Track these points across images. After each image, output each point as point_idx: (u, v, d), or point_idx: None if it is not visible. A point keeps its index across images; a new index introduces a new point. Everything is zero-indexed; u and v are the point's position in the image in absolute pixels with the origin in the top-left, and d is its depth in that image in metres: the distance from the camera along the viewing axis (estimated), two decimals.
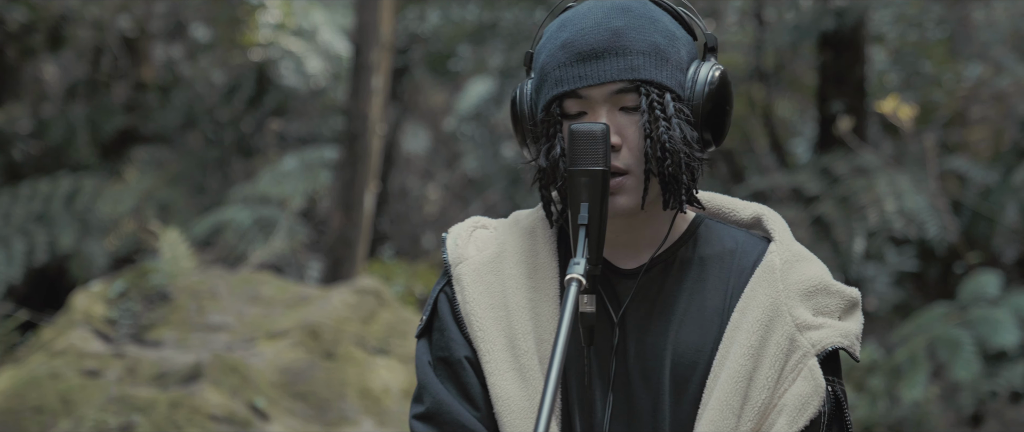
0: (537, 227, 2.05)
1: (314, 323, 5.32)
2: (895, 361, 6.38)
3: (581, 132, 1.89)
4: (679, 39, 2.00)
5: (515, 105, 2.03)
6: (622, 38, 1.95)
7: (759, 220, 2.08)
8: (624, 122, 1.96)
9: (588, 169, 1.89)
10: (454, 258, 2.05)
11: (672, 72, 1.96)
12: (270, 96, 9.92)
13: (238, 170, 9.69)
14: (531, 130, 2.01)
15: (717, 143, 2.01)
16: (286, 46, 9.64)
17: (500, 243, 2.05)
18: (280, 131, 9.95)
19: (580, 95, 1.96)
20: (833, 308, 1.99)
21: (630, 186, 1.95)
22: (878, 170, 6.94)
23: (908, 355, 6.29)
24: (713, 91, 1.98)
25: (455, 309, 2.03)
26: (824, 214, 6.89)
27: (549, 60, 1.98)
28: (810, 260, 2.02)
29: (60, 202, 9.16)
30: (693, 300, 2.01)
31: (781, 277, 1.98)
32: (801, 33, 7.67)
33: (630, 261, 2.03)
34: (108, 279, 5.63)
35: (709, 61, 2.01)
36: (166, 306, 5.44)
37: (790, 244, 2.02)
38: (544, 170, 1.98)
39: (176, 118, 10.09)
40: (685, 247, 2.03)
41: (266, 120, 9.62)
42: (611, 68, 1.94)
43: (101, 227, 9.14)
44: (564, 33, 1.98)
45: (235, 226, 8.55)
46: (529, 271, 2.02)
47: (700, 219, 2.07)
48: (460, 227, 2.10)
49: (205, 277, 5.65)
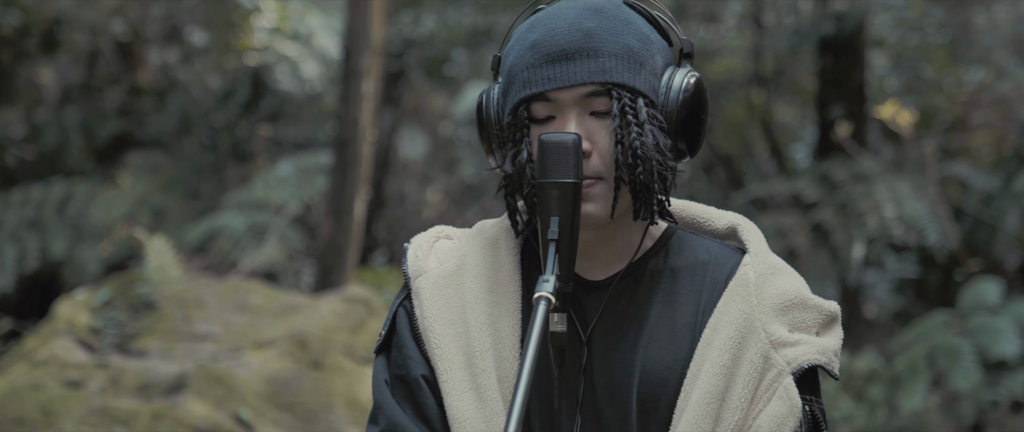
0: (501, 238, 1.96)
1: (302, 332, 5.23)
2: (894, 370, 6.29)
3: (551, 142, 1.80)
4: (654, 44, 1.91)
5: (481, 110, 1.94)
6: (594, 39, 1.86)
7: (734, 230, 1.99)
8: (594, 127, 1.87)
9: (559, 181, 1.80)
10: (414, 271, 1.96)
11: (646, 77, 1.87)
12: (266, 101, 9.85)
13: (233, 175, 9.61)
14: (497, 135, 1.92)
15: (692, 153, 1.92)
16: (282, 51, 9.56)
17: (461, 255, 1.96)
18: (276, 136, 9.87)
19: (549, 98, 1.87)
20: (810, 323, 1.90)
21: (599, 193, 1.86)
22: (878, 176, 6.85)
23: (908, 364, 6.20)
24: (688, 98, 1.89)
25: (414, 325, 1.94)
26: (823, 221, 6.80)
27: (517, 62, 1.89)
28: (786, 273, 1.93)
29: (52, 208, 9.09)
30: (664, 314, 1.92)
31: (755, 291, 1.89)
32: (800, 37, 7.59)
33: (599, 273, 1.94)
34: (93, 287, 5.55)
35: (685, 67, 1.92)
36: (152, 315, 5.36)
37: (765, 256, 1.93)
38: (510, 177, 1.89)
39: (171, 123, 10.02)
40: (656, 258, 1.94)
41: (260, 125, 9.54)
42: (581, 70, 1.85)
43: (94, 233, 9.07)
44: (533, 34, 1.89)
45: (229, 232, 8.47)
46: (490, 285, 1.93)
47: (672, 229, 1.98)
48: (422, 237, 2.01)
49: (192, 285, 5.57)
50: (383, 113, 9.49)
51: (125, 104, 10.32)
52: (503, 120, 1.90)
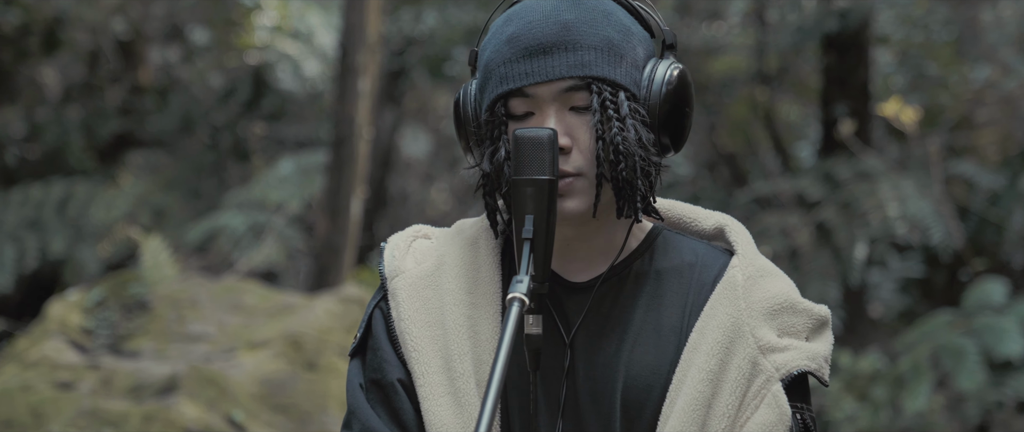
0: (481, 237, 1.90)
1: (296, 333, 5.17)
2: (898, 370, 6.22)
3: (526, 138, 1.74)
4: (635, 35, 1.84)
5: (458, 107, 1.88)
6: (572, 32, 1.79)
7: (722, 231, 1.92)
8: (574, 123, 1.80)
9: (534, 178, 1.73)
10: (390, 271, 1.90)
11: (627, 69, 1.81)
12: (267, 100, 9.80)
13: (234, 175, 9.56)
14: (475, 133, 1.85)
15: (676, 148, 1.85)
16: (283, 49, 9.51)
17: (440, 255, 1.89)
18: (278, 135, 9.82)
19: (527, 94, 1.81)
20: (800, 328, 1.83)
21: (580, 189, 1.80)
22: (881, 175, 6.78)
23: (912, 364, 6.13)
24: (671, 91, 1.82)
25: (390, 327, 1.88)
26: (826, 220, 6.73)
27: (494, 56, 1.83)
28: (775, 276, 1.86)
29: (52, 208, 9.04)
30: (648, 317, 1.85)
31: (743, 294, 1.82)
32: (804, 35, 7.52)
33: (581, 274, 1.88)
34: (85, 288, 5.49)
35: (667, 59, 1.85)
36: (145, 315, 5.30)
37: (754, 258, 1.86)
38: (488, 175, 1.83)
39: (172, 122, 9.97)
40: (641, 259, 1.88)
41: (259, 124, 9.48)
42: (560, 64, 1.78)
43: (94, 233, 9.02)
44: (510, 27, 1.83)
45: (229, 232, 8.42)
46: (469, 286, 1.86)
47: (658, 230, 1.91)
48: (399, 237, 1.95)
49: (186, 285, 5.51)
50: (384, 112, 9.43)
51: (126, 103, 10.28)
52: (480, 117, 1.84)
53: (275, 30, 9.58)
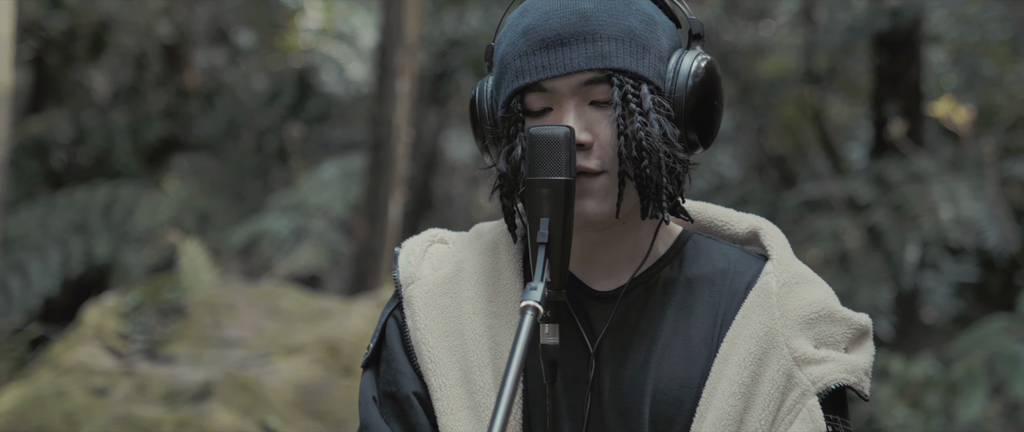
0: (501, 242, 1.79)
1: (333, 338, 5.09)
2: (952, 377, 6.07)
3: (541, 136, 1.63)
4: (659, 24, 1.73)
5: (474, 104, 1.77)
6: (591, 22, 1.69)
7: (756, 235, 1.81)
8: (595, 118, 1.70)
9: (549, 178, 1.62)
10: (405, 278, 1.80)
11: (650, 61, 1.70)
12: (311, 102, 9.75)
13: (278, 178, 9.51)
14: (491, 131, 1.74)
15: (705, 144, 1.74)
16: (327, 51, 9.45)
17: (458, 261, 1.79)
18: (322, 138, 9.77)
19: (544, 88, 1.70)
20: (838, 338, 1.71)
21: (601, 188, 1.69)
22: (934, 176, 6.62)
23: (966, 371, 5.98)
24: (698, 84, 1.71)
25: (405, 337, 1.78)
26: (877, 222, 6.58)
27: (509, 50, 1.72)
28: (812, 282, 1.74)
29: (98, 211, 9.02)
30: (678, 328, 1.74)
31: (778, 302, 1.71)
32: (854, 34, 7.37)
33: (606, 282, 1.76)
34: (122, 292, 5.44)
35: (694, 50, 1.74)
36: (181, 320, 5.24)
37: (789, 263, 1.75)
38: (504, 176, 1.72)
39: (217, 126, 9.95)
40: (670, 266, 1.77)
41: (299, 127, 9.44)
42: (578, 56, 1.68)
43: (139, 237, 8.99)
44: (526, 19, 1.72)
45: (272, 236, 8.37)
46: (489, 294, 1.76)
47: (688, 234, 1.80)
48: (414, 241, 1.84)
49: (223, 290, 5.44)
50: (428, 114, 9.35)
51: (171, 107, 10.27)
52: (497, 114, 1.73)
53: (319, 32, 9.53)
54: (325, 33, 9.45)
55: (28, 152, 9.86)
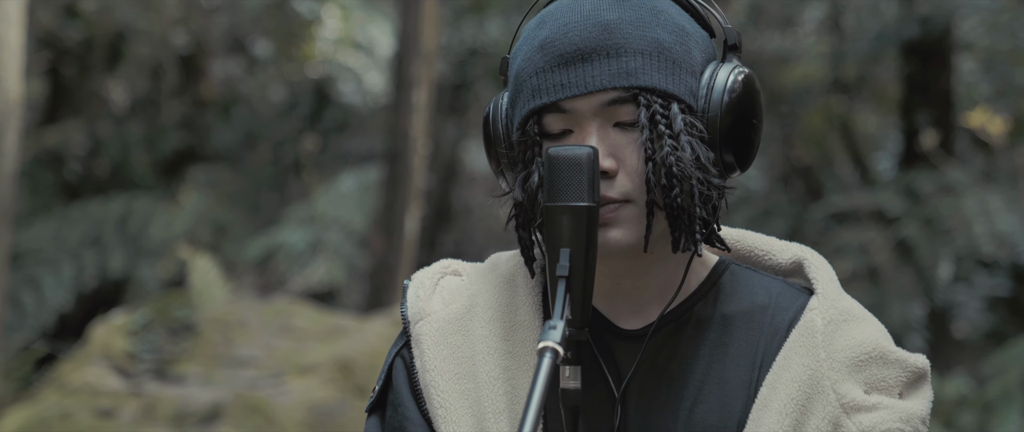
0: (518, 274, 1.64)
1: (347, 357, 4.95)
2: (987, 396, 5.90)
3: (560, 158, 1.47)
4: (690, 35, 1.56)
5: (488, 124, 1.61)
6: (615, 35, 1.53)
7: (799, 266, 1.64)
8: (620, 141, 1.53)
9: (570, 204, 1.46)
10: (414, 314, 1.64)
11: (681, 77, 1.54)
12: (329, 113, 9.63)
13: (295, 190, 9.39)
14: (506, 154, 1.58)
15: (742, 167, 1.58)
16: (344, 61, 9.32)
17: (471, 295, 1.63)
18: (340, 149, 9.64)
19: (563, 108, 1.54)
20: (892, 383, 1.55)
21: (628, 217, 1.53)
22: (967, 188, 6.45)
23: (1001, 389, 5.82)
24: (735, 101, 1.54)
25: (413, 379, 1.62)
26: (908, 236, 6.41)
27: (525, 65, 1.57)
28: (862, 319, 1.58)
29: (112, 224, 8.90)
30: (712, 370, 1.58)
31: (824, 342, 1.55)
32: (883, 42, 7.20)
33: (634, 319, 1.60)
34: (130, 309, 5.30)
35: (730, 63, 1.57)
36: (191, 338, 5.10)
37: (837, 298, 1.58)
38: (520, 204, 1.56)
39: (234, 137, 9.83)
40: (704, 302, 1.60)
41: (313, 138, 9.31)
42: (601, 73, 1.52)
43: (155, 251, 8.86)
44: (543, 31, 1.56)
45: (287, 249, 8.23)
46: (505, 331, 1.60)
47: (724, 265, 1.64)
48: (425, 273, 1.68)
49: (235, 307, 5.30)
50: (447, 124, 9.21)
51: (188, 117, 10.17)
52: (512, 136, 1.57)
53: (336, 42, 9.40)
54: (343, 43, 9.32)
55: (43, 164, 9.76)
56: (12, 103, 5.93)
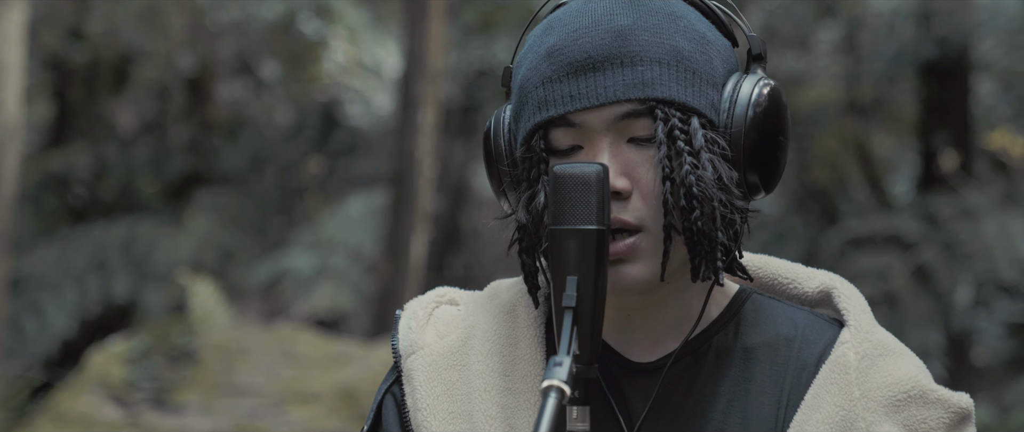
0: (520, 304, 1.50)
1: (351, 385, 4.82)
2: (1010, 424, 5.77)
3: (567, 176, 1.34)
4: (711, 44, 1.43)
5: (488, 139, 1.47)
6: (630, 41, 1.39)
7: (828, 295, 1.50)
8: (635, 159, 1.40)
9: (577, 228, 1.33)
10: (405, 347, 1.50)
11: (702, 88, 1.40)
12: (336, 136, 9.52)
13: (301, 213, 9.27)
14: (509, 172, 1.45)
15: (767, 187, 1.44)
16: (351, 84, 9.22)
17: (468, 326, 1.50)
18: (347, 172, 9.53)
19: (572, 122, 1.41)
20: (933, 425, 1.41)
21: (645, 249, 1.39)
22: (986, 212, 6.31)
23: None
24: (760, 115, 1.41)
25: (404, 417, 1.49)
26: (926, 262, 6.26)
27: (530, 75, 1.43)
28: (899, 354, 1.44)
29: (117, 249, 8.79)
30: (734, 407, 1.45)
31: (857, 379, 1.41)
32: (900, 62, 7.07)
33: (647, 351, 1.47)
34: (128, 336, 5.17)
35: (755, 74, 1.44)
36: (191, 366, 4.97)
37: (870, 331, 1.45)
38: (524, 227, 1.42)
39: (240, 159, 9.73)
40: (723, 332, 1.47)
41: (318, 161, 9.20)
42: (614, 83, 1.39)
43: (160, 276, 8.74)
44: (550, 37, 1.43)
45: (293, 274, 8.11)
46: (504, 366, 1.46)
47: (746, 293, 1.50)
48: (418, 303, 1.55)
49: (236, 333, 5.18)
50: (455, 146, 9.09)
51: (194, 140, 10.07)
52: (515, 152, 1.43)
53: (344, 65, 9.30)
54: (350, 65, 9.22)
55: (48, 187, 9.67)
56: (12, 126, 5.82)
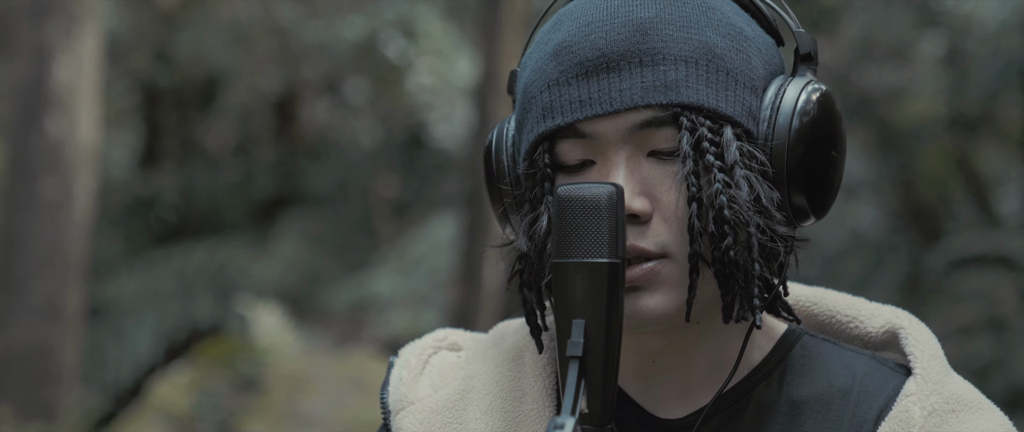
0: (527, 350, 1.29)
1: None
2: None
3: (572, 199, 1.12)
4: (750, 40, 1.20)
5: (490, 154, 1.26)
6: (651, 37, 1.17)
7: (894, 336, 1.27)
8: (656, 176, 1.18)
9: (584, 261, 1.11)
10: (395, 401, 1.30)
11: (737, 92, 1.18)
12: (421, 156, 9.40)
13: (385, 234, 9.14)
14: (511, 192, 1.23)
15: (817, 211, 1.21)
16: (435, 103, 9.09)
17: (467, 376, 1.29)
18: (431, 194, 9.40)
19: (582, 132, 1.19)
20: None
21: (667, 276, 1.17)
22: None
23: None
24: (808, 125, 1.18)
25: None
26: None
27: (535, 77, 1.22)
28: (977, 409, 1.20)
29: (202, 273, 8.72)
30: None
31: None
32: (1006, 75, 6.75)
33: (675, 405, 1.25)
34: (194, 362, 5.04)
35: (802, 77, 1.21)
36: (257, 394, 4.82)
37: (942, 381, 1.21)
38: (526, 258, 1.20)
39: (326, 181, 9.66)
40: (766, 383, 1.24)
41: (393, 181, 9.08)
42: (632, 85, 1.17)
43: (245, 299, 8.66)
44: (558, 33, 1.21)
45: (375, 297, 7.97)
46: (506, 424, 1.25)
47: (795, 335, 1.27)
48: (414, 348, 1.34)
49: (304, 361, 5.02)
50: None
51: (281, 162, 10.03)
52: (518, 168, 1.22)
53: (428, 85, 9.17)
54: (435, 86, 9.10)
55: (136, 210, 9.66)
56: (87, 152, 5.72)
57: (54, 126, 5.55)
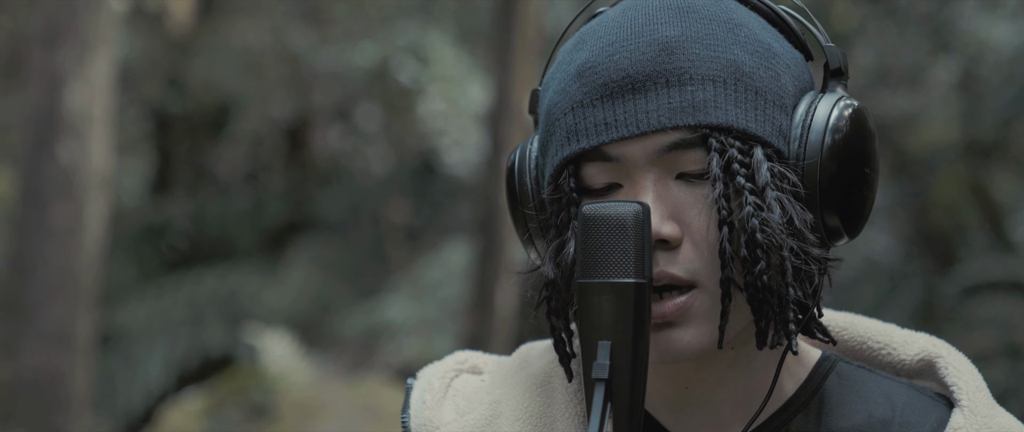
0: (555, 376, 1.26)
1: None
2: None
3: (597, 217, 1.09)
4: (779, 57, 1.17)
5: (512, 177, 1.22)
6: (677, 56, 1.14)
7: (930, 365, 1.23)
8: (685, 199, 1.15)
9: (610, 282, 1.08)
10: (418, 425, 1.26)
11: (767, 111, 1.15)
12: (433, 182, 9.36)
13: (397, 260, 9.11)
14: (536, 216, 1.20)
15: (850, 232, 1.18)
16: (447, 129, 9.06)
17: (494, 401, 1.25)
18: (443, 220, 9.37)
19: (608, 155, 1.15)
20: None
21: (699, 310, 1.14)
22: None
23: None
24: (840, 143, 1.15)
25: None
26: None
27: (558, 99, 1.18)
28: None
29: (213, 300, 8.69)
30: None
31: None
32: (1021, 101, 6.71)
33: None
34: (205, 389, 5.00)
35: (833, 93, 1.17)
36: (268, 421, 4.77)
37: (990, 414, 1.17)
38: (553, 283, 1.17)
39: (338, 208, 9.62)
40: (804, 413, 1.21)
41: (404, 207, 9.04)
42: (659, 107, 1.14)
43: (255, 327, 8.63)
44: (582, 53, 1.18)
45: (386, 324, 7.93)
46: None
47: (829, 362, 1.23)
48: (434, 370, 1.31)
49: (316, 388, 4.98)
50: None
51: (292, 188, 10.00)
52: (542, 192, 1.19)
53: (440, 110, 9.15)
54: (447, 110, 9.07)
55: (147, 237, 9.63)
56: (98, 179, 5.70)
57: (66, 153, 5.53)
